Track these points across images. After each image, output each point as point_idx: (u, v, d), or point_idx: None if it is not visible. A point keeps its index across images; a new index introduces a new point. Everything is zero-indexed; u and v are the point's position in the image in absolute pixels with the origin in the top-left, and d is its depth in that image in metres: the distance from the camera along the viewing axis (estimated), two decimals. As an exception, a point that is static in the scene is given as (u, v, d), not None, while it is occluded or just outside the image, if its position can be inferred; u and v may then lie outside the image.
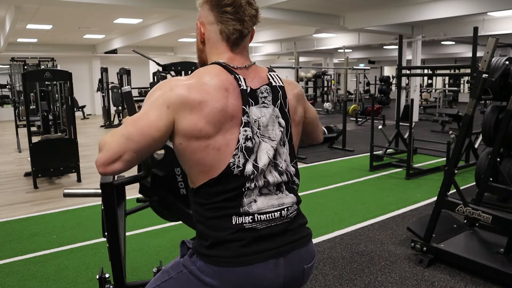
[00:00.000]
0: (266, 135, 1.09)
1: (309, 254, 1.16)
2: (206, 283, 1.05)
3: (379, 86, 13.21)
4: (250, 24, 1.13)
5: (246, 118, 1.06)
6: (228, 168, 1.04)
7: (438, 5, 8.09)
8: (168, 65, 5.81)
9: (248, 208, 1.06)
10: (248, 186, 1.06)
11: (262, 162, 1.07)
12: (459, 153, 2.79)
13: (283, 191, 1.13)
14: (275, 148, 1.10)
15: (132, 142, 0.99)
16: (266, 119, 1.10)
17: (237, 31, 1.11)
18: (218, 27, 1.12)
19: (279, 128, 1.12)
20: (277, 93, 1.13)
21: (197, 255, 1.08)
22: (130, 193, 1.93)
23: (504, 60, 3.36)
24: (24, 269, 2.82)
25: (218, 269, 1.04)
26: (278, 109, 1.12)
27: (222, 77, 1.07)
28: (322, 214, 3.88)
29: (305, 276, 1.16)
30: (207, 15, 1.14)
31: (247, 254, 1.05)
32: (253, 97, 1.09)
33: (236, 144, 1.04)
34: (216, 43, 1.14)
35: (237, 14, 1.10)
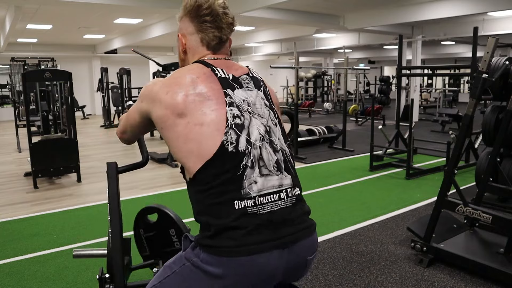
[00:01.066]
0: (256, 112, 1.18)
1: (312, 245, 1.18)
2: (210, 273, 1.06)
3: (379, 86, 13.21)
4: (227, 31, 1.26)
5: (229, 99, 1.15)
6: (222, 146, 1.09)
7: (438, 5, 8.09)
8: (168, 65, 5.83)
9: (249, 190, 1.08)
10: (246, 162, 1.09)
11: (254, 137, 1.13)
12: (459, 153, 2.79)
13: (282, 171, 1.16)
14: (265, 124, 1.18)
15: (128, 122, 1.34)
16: (253, 98, 1.20)
17: (216, 38, 1.25)
18: (199, 36, 1.26)
19: (266, 107, 1.22)
20: (258, 81, 1.26)
21: (200, 247, 1.09)
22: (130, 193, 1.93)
23: (504, 60, 3.36)
24: (24, 269, 2.82)
25: (221, 259, 1.05)
26: (262, 93, 1.23)
27: (196, 70, 1.19)
28: (322, 214, 3.88)
29: (307, 266, 1.18)
30: (187, 26, 1.27)
31: (251, 243, 1.05)
32: (237, 82, 1.20)
33: (226, 122, 1.11)
34: (197, 50, 1.28)
35: (215, 22, 1.23)
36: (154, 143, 8.27)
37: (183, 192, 4.56)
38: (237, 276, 1.06)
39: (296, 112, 6.44)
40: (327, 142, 7.78)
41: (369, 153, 5.72)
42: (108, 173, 1.55)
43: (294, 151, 6.45)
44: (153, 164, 6.15)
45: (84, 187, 5.02)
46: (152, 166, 6.04)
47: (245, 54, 17.53)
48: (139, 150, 1.78)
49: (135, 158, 6.44)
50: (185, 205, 1.73)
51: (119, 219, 1.51)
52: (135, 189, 4.78)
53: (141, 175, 5.37)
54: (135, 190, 4.73)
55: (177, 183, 5.08)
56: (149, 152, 2.89)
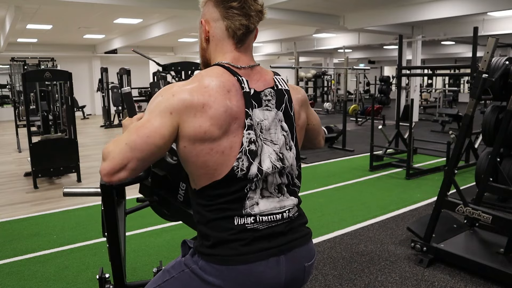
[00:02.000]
0: (268, 139, 1.08)
1: (309, 253, 1.17)
2: (208, 282, 1.05)
3: (379, 86, 13.21)
4: (256, 19, 1.11)
5: (249, 121, 1.04)
6: (232, 171, 1.03)
7: (438, 5, 8.09)
8: (168, 65, 5.81)
9: (250, 211, 1.07)
10: (250, 186, 1.06)
11: (266, 165, 1.06)
12: (459, 153, 2.79)
13: (284, 193, 1.13)
14: (278, 152, 1.09)
15: (136, 150, 0.99)
16: (269, 122, 1.08)
17: (243, 26, 1.09)
18: (224, 23, 1.10)
19: (282, 132, 1.10)
20: (282, 96, 1.12)
21: (199, 255, 1.09)
22: (130, 193, 1.93)
23: (504, 60, 3.36)
24: (24, 269, 2.82)
25: (219, 268, 1.04)
26: (282, 113, 1.11)
27: (224, 79, 1.05)
28: (322, 214, 3.88)
29: (306, 274, 1.16)
30: (211, 12, 1.12)
31: (249, 252, 1.05)
32: (256, 99, 1.07)
33: (240, 147, 1.03)
34: (221, 40, 1.12)
35: (243, 9, 1.09)
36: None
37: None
38: (235, 285, 1.05)
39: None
40: (327, 142, 7.77)
41: (369, 153, 5.72)
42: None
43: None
44: (153, 164, 6.14)
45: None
46: (152, 166, 6.03)
47: (245, 54, 17.49)
48: None
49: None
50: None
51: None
52: (135, 189, 4.76)
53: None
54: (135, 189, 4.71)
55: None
56: None
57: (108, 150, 1.00)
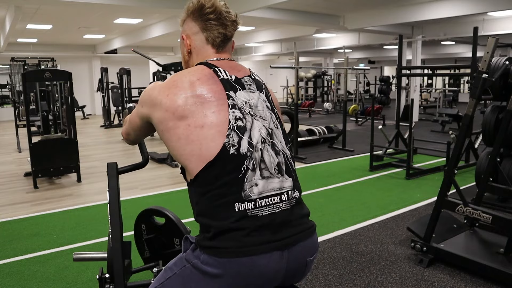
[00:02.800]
0: (258, 114, 1.18)
1: (313, 247, 1.18)
2: (210, 275, 1.06)
3: (379, 86, 13.21)
4: (232, 28, 1.27)
5: (231, 101, 1.15)
6: (224, 148, 1.09)
7: (438, 5, 8.09)
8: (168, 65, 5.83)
9: (249, 192, 1.08)
10: (247, 165, 1.09)
11: (256, 139, 1.13)
12: (459, 153, 2.79)
13: (283, 174, 1.16)
14: (267, 127, 1.17)
15: (131, 125, 1.37)
16: (255, 100, 1.19)
17: (221, 34, 1.25)
18: (204, 35, 1.26)
19: (268, 110, 1.21)
20: (260, 83, 1.26)
21: (200, 249, 1.09)
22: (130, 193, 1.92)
23: (504, 60, 3.36)
24: (24, 269, 2.82)
25: (222, 260, 1.05)
26: (263, 95, 1.23)
27: (197, 72, 1.19)
28: (322, 214, 3.88)
29: (307, 268, 1.18)
30: (191, 26, 1.28)
31: (251, 244, 1.05)
32: (239, 83, 1.20)
33: (228, 124, 1.11)
34: (201, 49, 1.27)
35: (219, 20, 1.24)
36: (154, 143, 8.27)
37: (183, 192, 4.57)
38: (237, 277, 1.05)
39: (296, 112, 6.44)
40: (327, 142, 7.78)
41: (369, 153, 5.72)
42: (109, 173, 1.55)
43: (294, 151, 6.45)
44: (153, 164, 6.15)
45: (84, 187, 5.02)
46: (152, 166, 6.04)
47: (245, 54, 17.53)
48: (139, 150, 1.78)
49: (135, 158, 6.45)
50: (185, 205, 1.73)
51: (119, 220, 1.51)
52: (135, 189, 4.77)
53: (141, 175, 5.36)
54: (135, 190, 4.73)
55: (177, 183, 5.08)
56: (149, 152, 2.89)
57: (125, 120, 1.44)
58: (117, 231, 1.47)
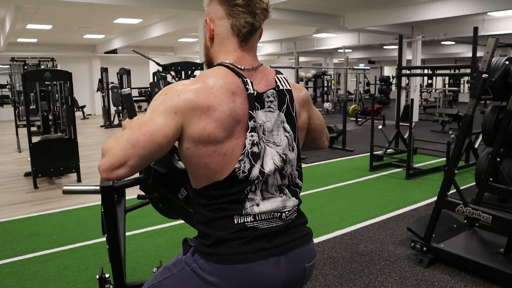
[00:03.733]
0: (271, 140, 1.08)
1: (310, 253, 1.16)
2: (208, 282, 1.05)
3: (379, 86, 13.21)
4: (261, 17, 1.10)
5: (252, 123, 1.04)
6: (233, 173, 1.03)
7: (438, 5, 8.09)
8: (168, 65, 5.82)
9: (250, 211, 1.07)
10: (250, 188, 1.06)
11: (268, 168, 1.06)
12: (459, 153, 2.79)
13: (286, 193, 1.12)
14: (280, 153, 1.09)
15: (138, 148, 0.97)
16: (271, 124, 1.08)
17: (248, 24, 1.08)
18: (229, 21, 1.09)
19: (284, 133, 1.10)
20: (284, 97, 1.11)
21: (199, 254, 1.09)
22: (130, 193, 1.92)
23: (504, 60, 3.36)
24: (24, 269, 2.82)
25: (219, 267, 1.04)
26: (284, 114, 1.10)
27: (228, 80, 1.04)
28: (322, 214, 3.88)
29: (306, 275, 1.16)
30: (216, 10, 1.11)
31: (248, 251, 1.05)
32: (259, 101, 1.06)
33: (242, 149, 1.03)
34: (225, 38, 1.11)
35: (248, 7, 1.08)
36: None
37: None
38: (234, 285, 1.05)
39: (296, 112, 6.42)
40: (327, 142, 7.77)
41: (369, 153, 5.72)
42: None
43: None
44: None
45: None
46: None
47: (245, 54, 17.49)
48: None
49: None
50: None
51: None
52: (135, 189, 4.76)
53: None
54: (135, 190, 4.71)
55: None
56: None
57: (109, 147, 0.99)
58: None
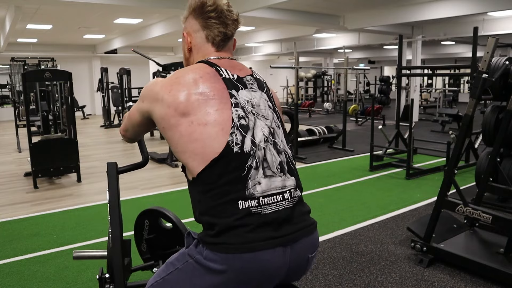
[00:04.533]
0: (260, 113, 1.18)
1: (314, 243, 1.19)
2: (213, 270, 1.06)
3: (379, 86, 13.21)
4: (232, 27, 1.26)
5: (234, 99, 1.15)
6: (228, 147, 1.09)
7: (438, 5, 8.09)
8: (168, 65, 5.82)
9: (253, 190, 1.08)
10: (250, 163, 1.09)
11: (258, 138, 1.14)
12: (459, 153, 2.79)
13: (286, 173, 1.17)
14: (269, 126, 1.18)
15: (130, 121, 1.36)
16: (257, 100, 1.20)
17: (221, 33, 1.24)
18: (204, 32, 1.26)
19: (270, 109, 1.22)
20: (261, 82, 1.26)
21: (203, 245, 1.09)
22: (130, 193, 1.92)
23: (504, 60, 3.36)
24: (24, 269, 2.82)
25: (225, 256, 1.05)
26: (265, 94, 1.24)
27: (199, 70, 1.18)
28: (322, 214, 3.88)
29: (308, 265, 1.19)
30: (192, 24, 1.28)
31: (255, 240, 1.06)
32: (241, 82, 1.20)
33: (231, 123, 1.12)
34: (202, 47, 1.27)
35: (220, 18, 1.23)
36: (154, 143, 8.27)
37: (183, 192, 4.56)
38: (240, 273, 1.06)
39: (296, 112, 6.44)
40: (327, 142, 7.78)
41: (369, 153, 5.72)
42: (108, 173, 1.55)
43: (294, 151, 6.44)
44: (153, 164, 6.15)
45: (84, 187, 5.02)
46: (152, 166, 6.04)
47: (245, 54, 17.53)
48: (139, 150, 1.78)
49: (135, 158, 6.45)
50: (185, 205, 1.73)
51: (119, 220, 1.51)
52: (135, 189, 4.77)
53: (141, 175, 5.36)
54: (135, 190, 4.73)
55: (177, 183, 5.08)
56: (149, 152, 2.88)
57: (125, 116, 1.42)
58: (117, 230, 1.47)
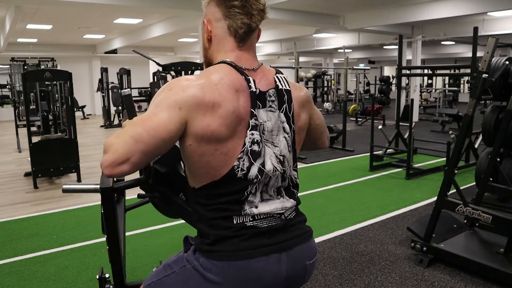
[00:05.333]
0: (269, 140, 1.08)
1: (311, 250, 1.16)
2: (209, 279, 1.05)
3: (379, 86, 13.21)
4: (258, 18, 1.11)
5: (254, 121, 1.03)
6: (232, 171, 1.03)
7: (438, 5, 8.09)
8: (168, 65, 5.81)
9: (249, 212, 1.07)
10: (251, 189, 1.06)
11: (268, 167, 1.07)
12: (459, 153, 2.79)
13: (284, 195, 1.13)
14: (278, 154, 1.09)
15: (141, 143, 0.94)
16: (271, 124, 1.07)
17: (245, 25, 1.09)
18: (226, 22, 1.10)
19: (283, 134, 1.10)
20: (282, 96, 1.10)
21: (199, 252, 1.09)
22: (131, 193, 1.92)
23: (504, 60, 3.36)
24: (24, 269, 2.82)
25: (220, 264, 1.04)
26: (283, 114, 1.10)
27: (232, 77, 1.04)
28: (322, 214, 3.88)
29: (307, 272, 1.16)
30: (213, 11, 1.12)
31: (249, 247, 1.05)
32: (261, 99, 1.06)
33: (242, 147, 1.03)
34: (223, 39, 1.12)
35: (244, 8, 1.09)
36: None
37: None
38: (235, 281, 1.04)
39: (296, 112, 6.42)
40: (327, 142, 7.77)
41: (369, 153, 5.71)
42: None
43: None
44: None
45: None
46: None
47: (245, 54, 17.49)
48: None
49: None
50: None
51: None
52: (135, 189, 4.76)
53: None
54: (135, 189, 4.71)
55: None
56: None
57: (111, 143, 0.95)
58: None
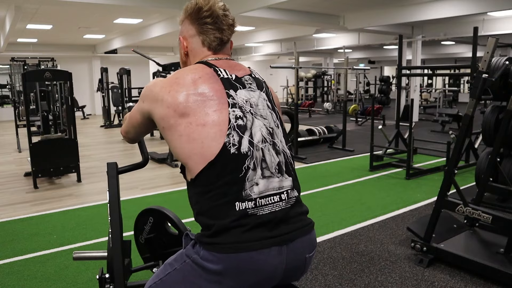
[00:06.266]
0: (258, 113, 1.18)
1: (311, 243, 1.18)
2: (210, 271, 1.06)
3: (379, 86, 13.21)
4: (228, 32, 1.27)
5: (231, 100, 1.15)
6: (224, 148, 1.09)
7: (438, 5, 8.09)
8: (168, 65, 5.82)
9: (250, 192, 1.08)
10: (248, 164, 1.09)
11: (257, 138, 1.14)
12: (459, 153, 2.79)
13: (283, 173, 1.16)
14: (268, 126, 1.18)
15: (131, 122, 1.36)
16: (256, 99, 1.20)
17: (217, 39, 1.26)
18: (200, 38, 1.27)
19: (268, 109, 1.22)
20: (260, 82, 1.26)
21: (200, 245, 1.10)
22: (130, 193, 1.92)
23: (504, 60, 3.36)
24: (24, 269, 2.82)
25: (221, 256, 1.05)
26: (264, 94, 1.24)
27: (198, 70, 1.19)
28: (322, 214, 3.88)
29: (306, 265, 1.19)
30: (188, 29, 1.29)
31: (250, 240, 1.06)
32: (239, 82, 1.20)
33: (228, 124, 1.12)
34: (198, 51, 1.28)
35: (216, 24, 1.25)
36: (154, 143, 8.27)
37: (183, 192, 4.56)
38: (236, 273, 1.06)
39: (296, 112, 6.44)
40: (327, 142, 7.78)
41: (369, 153, 5.72)
42: (108, 173, 1.55)
43: (294, 151, 6.45)
44: (153, 164, 6.15)
45: (84, 187, 5.02)
46: (152, 166, 6.04)
47: (245, 54, 17.53)
48: (139, 150, 1.78)
49: (135, 158, 6.45)
50: (185, 205, 1.73)
51: (119, 220, 1.51)
52: (135, 189, 4.77)
53: (141, 175, 5.37)
54: (135, 190, 4.73)
55: (177, 183, 5.08)
56: (149, 152, 2.89)
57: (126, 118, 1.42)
58: (117, 231, 1.47)
